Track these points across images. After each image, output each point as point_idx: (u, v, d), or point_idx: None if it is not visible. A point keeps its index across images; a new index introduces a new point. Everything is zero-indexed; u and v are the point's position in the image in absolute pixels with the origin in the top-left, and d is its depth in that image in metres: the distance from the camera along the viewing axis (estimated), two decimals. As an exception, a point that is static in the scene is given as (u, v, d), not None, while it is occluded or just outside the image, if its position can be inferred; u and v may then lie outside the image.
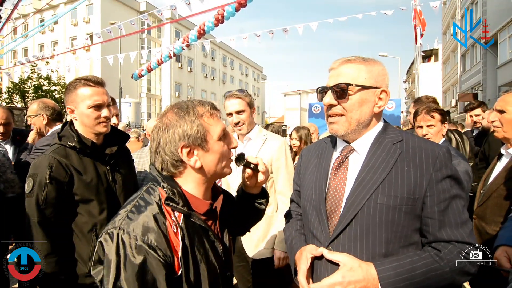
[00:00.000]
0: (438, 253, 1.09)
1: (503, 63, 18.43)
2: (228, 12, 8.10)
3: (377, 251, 1.13)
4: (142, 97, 36.55)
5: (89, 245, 1.70)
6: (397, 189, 1.13)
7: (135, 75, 13.13)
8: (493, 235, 1.84)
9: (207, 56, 44.85)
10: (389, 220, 1.12)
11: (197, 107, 1.10)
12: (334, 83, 1.22)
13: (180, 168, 1.09)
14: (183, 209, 1.05)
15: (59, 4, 33.00)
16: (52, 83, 20.08)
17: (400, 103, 7.96)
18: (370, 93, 1.21)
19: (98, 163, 1.82)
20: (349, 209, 1.17)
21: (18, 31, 14.62)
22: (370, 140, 1.25)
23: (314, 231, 1.27)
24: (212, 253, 1.11)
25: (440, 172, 1.14)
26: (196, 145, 1.06)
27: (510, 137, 1.96)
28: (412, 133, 1.32)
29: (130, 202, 1.07)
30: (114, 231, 0.97)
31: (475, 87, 22.73)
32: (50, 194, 1.62)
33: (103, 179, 1.80)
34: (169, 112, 1.10)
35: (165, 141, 1.06)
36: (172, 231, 1.01)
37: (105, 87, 1.85)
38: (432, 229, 1.13)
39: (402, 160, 1.18)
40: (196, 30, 9.21)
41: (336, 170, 1.28)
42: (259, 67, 63.55)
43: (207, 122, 1.09)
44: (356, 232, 1.15)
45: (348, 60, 1.25)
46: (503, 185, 1.89)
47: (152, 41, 37.53)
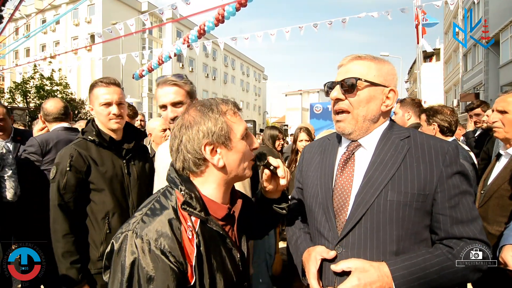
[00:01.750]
0: (451, 251, 1.08)
1: (505, 63, 18.37)
2: (229, 12, 8.08)
3: (388, 249, 1.11)
4: (144, 97, 36.59)
5: (101, 231, 1.87)
6: (407, 185, 1.11)
7: (136, 75, 13.13)
8: (496, 235, 1.83)
9: (208, 56, 44.86)
10: (399, 217, 1.10)
11: (220, 105, 1.07)
12: (343, 78, 1.21)
13: (202, 167, 1.05)
14: (200, 214, 1.01)
15: (61, 4, 33.09)
16: (54, 83, 20.12)
17: (401, 103, 7.94)
18: (378, 91, 1.19)
19: (115, 157, 1.99)
20: (358, 207, 1.14)
21: (20, 31, 14.66)
22: (377, 136, 1.23)
23: (321, 230, 1.23)
24: (229, 262, 1.06)
25: (450, 168, 1.13)
26: (220, 143, 1.03)
27: (511, 138, 1.95)
28: (419, 130, 1.30)
29: (147, 205, 1.04)
30: (128, 233, 0.94)
31: (477, 87, 22.66)
32: (70, 181, 1.81)
33: (119, 171, 1.97)
34: (192, 110, 1.07)
35: (188, 138, 1.02)
36: (187, 238, 0.97)
37: (119, 87, 2.02)
38: (444, 226, 1.11)
39: (410, 155, 1.16)
40: (196, 30, 9.20)
41: (343, 166, 1.25)
42: (260, 67, 63.54)
43: (231, 120, 1.06)
44: (366, 230, 1.12)
45: (359, 57, 1.24)
46: (504, 185, 1.88)
47: (153, 41, 37.60)
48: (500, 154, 2.06)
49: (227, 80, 51.15)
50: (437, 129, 2.64)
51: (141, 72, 12.70)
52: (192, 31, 9.47)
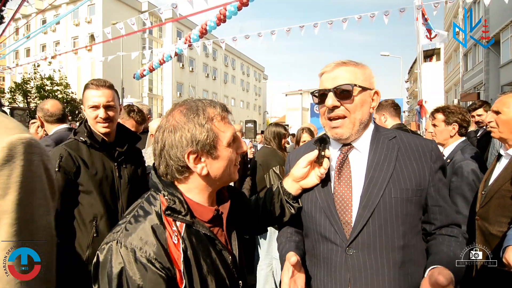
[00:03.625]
0: (457, 239, 1.20)
1: (506, 63, 18.35)
2: (230, 11, 8.07)
3: (396, 245, 1.16)
4: (144, 97, 36.59)
5: (88, 234, 1.83)
6: (406, 182, 1.18)
7: (137, 75, 13.13)
8: (497, 236, 1.84)
9: (208, 56, 44.87)
10: (404, 213, 1.17)
11: (207, 108, 1.00)
12: (334, 85, 1.21)
13: (185, 174, 1.01)
14: (185, 219, 0.98)
15: (61, 4, 33.10)
16: (55, 83, 20.15)
17: (402, 102, 7.92)
18: (367, 94, 1.24)
19: (107, 159, 1.95)
20: (365, 207, 1.17)
21: (20, 31, 14.64)
22: (368, 138, 1.28)
23: (326, 234, 1.23)
24: (220, 263, 1.03)
25: (436, 163, 1.24)
26: (205, 152, 0.98)
27: (506, 138, 1.98)
28: (401, 131, 1.36)
29: (131, 212, 1.02)
30: (112, 244, 0.91)
31: (478, 87, 22.63)
32: (58, 182, 1.75)
33: (109, 174, 1.93)
34: (177, 112, 1.00)
35: (171, 144, 0.97)
36: (172, 243, 0.94)
37: (110, 89, 1.96)
38: (440, 216, 1.22)
39: (402, 154, 1.23)
40: (198, 29, 9.19)
41: (339, 169, 1.27)
42: (260, 66, 63.55)
43: (218, 127, 1.00)
44: (375, 229, 1.16)
45: (343, 63, 1.26)
46: (505, 185, 1.88)
47: (153, 41, 37.61)
48: (500, 155, 2.07)
49: (227, 80, 51.14)
50: (457, 129, 2.62)
51: (142, 72, 12.69)
52: (194, 30, 9.46)
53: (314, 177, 1.28)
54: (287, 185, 1.32)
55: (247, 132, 10.75)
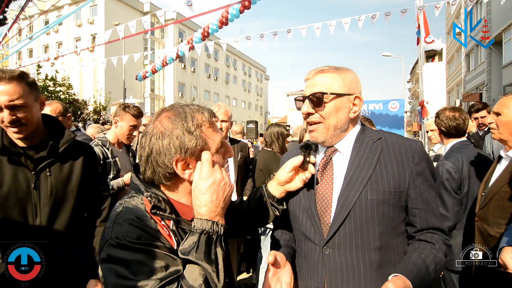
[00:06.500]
0: (434, 246, 1.19)
1: (508, 63, 18.28)
2: (232, 14, 8.07)
3: (372, 246, 1.18)
4: (146, 97, 36.71)
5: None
6: (384, 184, 1.20)
7: (140, 77, 13.19)
8: (496, 237, 1.84)
9: (210, 57, 44.94)
10: (380, 214, 1.19)
11: (196, 115, 0.99)
12: (310, 93, 1.27)
13: (172, 180, 1.01)
14: (171, 216, 0.98)
15: (64, 5, 33.25)
16: (57, 84, 20.23)
17: (404, 103, 7.91)
18: (344, 100, 1.26)
19: (21, 168, 1.58)
20: (342, 208, 1.21)
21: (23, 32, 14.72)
22: (351, 140, 1.31)
23: (307, 233, 1.29)
24: None
25: (419, 165, 1.24)
26: (193, 158, 0.98)
27: (506, 139, 1.98)
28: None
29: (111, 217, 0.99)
30: (111, 241, 0.91)
31: (480, 87, 22.55)
32: None
33: (22, 186, 1.57)
34: (164, 118, 0.99)
35: (159, 151, 0.96)
36: (165, 233, 0.96)
37: (11, 83, 1.49)
38: (419, 219, 1.23)
39: (384, 156, 1.25)
40: (200, 32, 9.21)
41: (322, 171, 1.31)
42: (262, 67, 63.61)
43: (206, 134, 1.00)
44: (351, 229, 1.20)
45: (321, 70, 1.30)
46: (504, 187, 1.89)
47: (155, 42, 37.73)
48: (500, 156, 2.07)
49: (229, 80, 51.21)
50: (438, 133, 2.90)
51: (145, 73, 12.75)
52: (196, 33, 9.48)
53: (298, 181, 1.30)
54: (272, 188, 1.33)
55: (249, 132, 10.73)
